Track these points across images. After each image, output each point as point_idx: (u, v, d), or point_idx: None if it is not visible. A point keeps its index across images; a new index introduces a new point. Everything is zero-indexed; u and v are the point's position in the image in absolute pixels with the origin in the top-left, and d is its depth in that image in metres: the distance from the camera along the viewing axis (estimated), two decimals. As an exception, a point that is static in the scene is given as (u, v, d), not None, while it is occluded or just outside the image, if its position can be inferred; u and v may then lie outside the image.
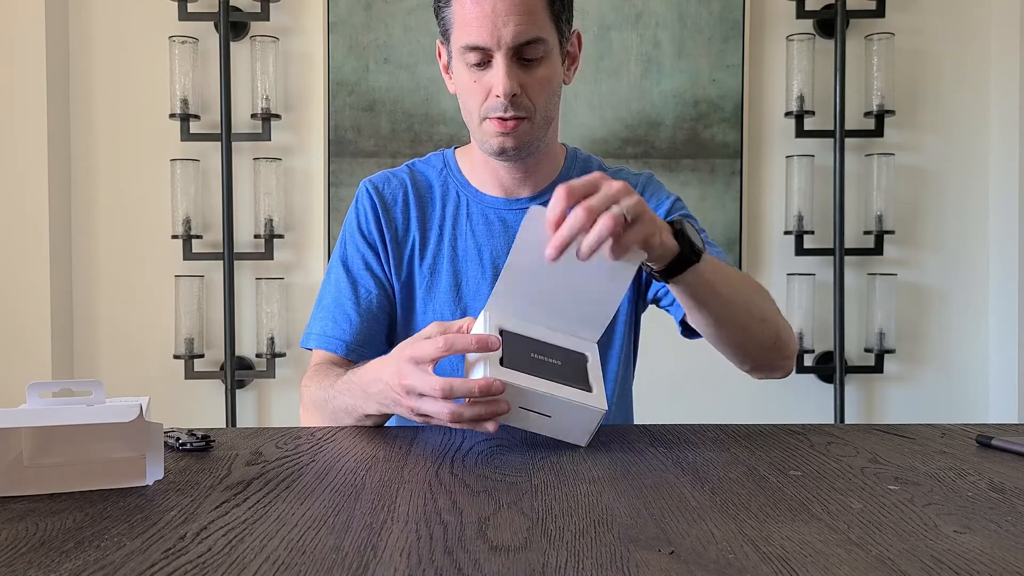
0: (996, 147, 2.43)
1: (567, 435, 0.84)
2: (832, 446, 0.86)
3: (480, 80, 1.04)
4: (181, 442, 0.83)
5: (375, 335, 1.13)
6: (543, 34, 1.03)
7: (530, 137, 1.07)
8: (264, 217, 2.33)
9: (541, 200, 1.16)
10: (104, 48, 2.37)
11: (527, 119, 1.05)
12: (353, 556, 0.52)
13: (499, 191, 1.16)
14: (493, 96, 1.03)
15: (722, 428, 0.95)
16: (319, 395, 1.03)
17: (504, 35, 1.00)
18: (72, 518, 0.61)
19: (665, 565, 0.50)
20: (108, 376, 2.36)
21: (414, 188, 1.17)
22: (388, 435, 0.93)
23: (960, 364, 2.46)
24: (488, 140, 1.07)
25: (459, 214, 1.15)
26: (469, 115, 1.09)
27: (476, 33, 1.01)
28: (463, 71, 1.06)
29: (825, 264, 2.41)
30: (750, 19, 2.37)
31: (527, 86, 1.03)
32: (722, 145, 2.37)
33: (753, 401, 2.43)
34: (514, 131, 1.05)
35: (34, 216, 2.27)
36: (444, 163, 1.20)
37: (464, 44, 1.03)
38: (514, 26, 1.00)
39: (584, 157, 1.22)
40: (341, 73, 2.34)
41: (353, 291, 1.13)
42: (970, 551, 0.53)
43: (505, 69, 1.01)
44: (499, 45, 1.01)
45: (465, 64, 1.05)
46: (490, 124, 1.06)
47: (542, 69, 1.05)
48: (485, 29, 1.00)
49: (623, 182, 0.82)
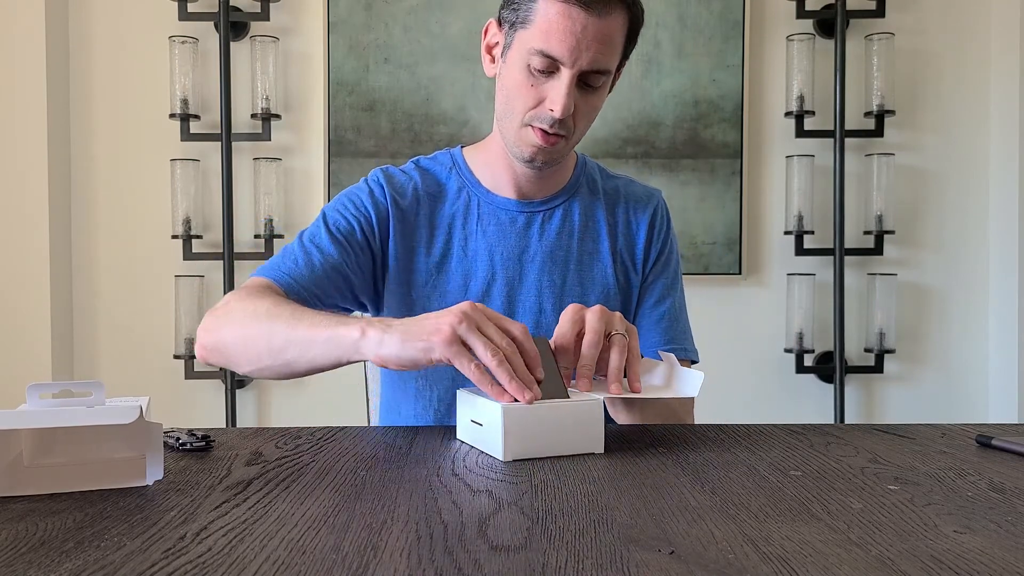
0: (996, 147, 2.43)
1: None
2: (832, 446, 0.86)
3: (538, 86, 1.03)
4: (181, 442, 0.83)
5: (328, 295, 1.08)
6: (612, 67, 1.04)
7: (561, 155, 1.09)
8: (264, 217, 2.33)
9: (551, 205, 1.16)
10: (104, 48, 2.38)
11: (565, 138, 1.06)
12: (353, 556, 0.52)
13: (512, 193, 1.15)
14: (546, 108, 1.02)
15: (722, 428, 0.95)
16: (258, 304, 0.94)
17: (582, 59, 0.99)
18: (72, 518, 0.61)
19: (665, 565, 0.50)
20: (108, 376, 2.36)
21: (424, 185, 1.16)
22: (388, 435, 0.93)
23: (960, 364, 2.46)
24: (522, 147, 1.07)
25: (469, 214, 1.15)
26: (510, 113, 1.06)
27: (557, 45, 0.99)
28: (521, 70, 1.03)
29: (825, 264, 2.41)
30: (750, 19, 2.37)
31: (578, 109, 1.04)
32: (722, 145, 2.37)
33: (753, 401, 2.43)
34: (552, 147, 1.06)
35: (34, 216, 2.27)
36: (453, 162, 1.19)
37: (539, 48, 1.00)
38: (594, 53, 1.00)
39: (593, 164, 1.23)
40: (341, 73, 2.34)
41: (331, 240, 1.09)
42: (970, 551, 0.53)
43: (568, 89, 1.00)
44: (573, 64, 1.00)
45: (527, 65, 1.02)
46: (531, 133, 1.05)
47: (596, 97, 1.05)
48: (567, 45, 0.99)
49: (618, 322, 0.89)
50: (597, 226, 1.17)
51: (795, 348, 2.38)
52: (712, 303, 2.38)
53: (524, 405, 0.79)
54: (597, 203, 1.18)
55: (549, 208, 1.16)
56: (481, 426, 0.82)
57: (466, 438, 0.87)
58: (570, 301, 1.11)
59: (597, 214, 1.18)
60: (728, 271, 2.37)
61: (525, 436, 0.79)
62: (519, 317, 1.12)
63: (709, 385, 0.90)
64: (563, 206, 1.16)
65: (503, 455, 0.78)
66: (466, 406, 0.87)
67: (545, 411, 0.80)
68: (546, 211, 1.16)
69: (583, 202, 1.18)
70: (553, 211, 1.16)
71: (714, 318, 2.37)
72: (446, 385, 1.13)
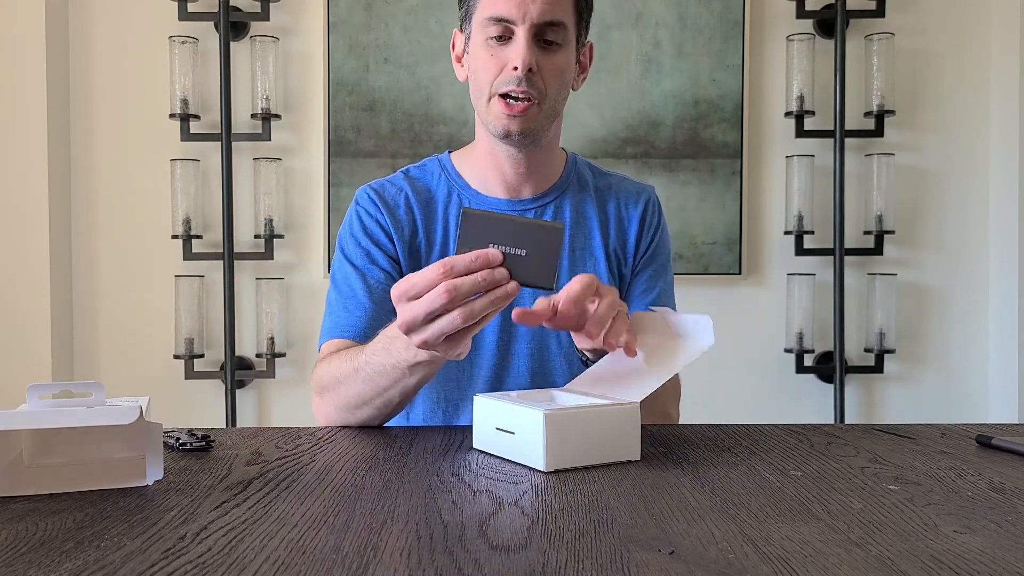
0: (996, 147, 2.43)
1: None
2: (832, 446, 0.86)
3: (497, 54, 1.05)
4: (181, 442, 0.83)
5: (387, 320, 1.11)
6: (566, 19, 1.05)
7: (536, 124, 1.08)
8: (264, 217, 2.33)
9: (542, 202, 1.16)
10: (104, 48, 2.37)
11: (536, 103, 1.06)
12: (353, 556, 0.52)
13: (501, 191, 1.16)
14: (509, 69, 1.04)
15: (722, 428, 0.95)
16: (343, 367, 0.99)
17: (531, 11, 1.02)
18: (72, 518, 0.61)
19: (665, 565, 0.50)
20: (108, 376, 2.36)
21: (414, 193, 1.16)
22: (388, 435, 0.93)
23: (960, 364, 2.46)
24: (496, 121, 1.07)
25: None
26: (480, 92, 1.09)
27: (504, 5, 1.03)
28: (481, 47, 1.07)
29: (825, 264, 2.41)
30: (750, 19, 2.37)
31: (543, 68, 1.05)
32: (722, 145, 2.37)
33: (753, 401, 2.43)
34: (522, 114, 1.06)
35: (34, 216, 2.27)
36: (441, 167, 1.19)
37: (489, 15, 1.04)
38: (541, 3, 1.03)
39: (583, 161, 1.24)
40: (341, 73, 2.34)
41: (362, 281, 1.11)
42: (970, 551, 0.53)
43: (526, 43, 1.03)
44: (524, 19, 1.03)
45: (485, 38, 1.06)
46: (498, 104, 1.06)
47: (559, 56, 1.06)
48: (513, 1, 1.02)
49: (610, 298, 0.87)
50: (588, 222, 1.18)
51: (795, 348, 2.38)
52: (712, 303, 2.38)
53: (565, 409, 0.75)
54: (588, 199, 1.19)
55: (540, 205, 1.16)
56: (513, 435, 0.77)
57: (489, 447, 0.81)
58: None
59: (588, 210, 1.18)
60: (728, 271, 2.37)
61: (566, 444, 0.74)
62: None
63: (709, 385, 0.90)
64: (554, 203, 1.17)
65: (544, 465, 0.74)
66: (489, 413, 0.81)
67: (585, 416, 0.76)
68: (537, 208, 1.16)
69: (574, 199, 1.18)
70: (544, 208, 1.16)
71: (714, 318, 2.35)
72: (451, 386, 1.13)
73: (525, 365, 1.13)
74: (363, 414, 0.99)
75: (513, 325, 1.12)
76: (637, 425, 0.79)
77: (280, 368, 2.37)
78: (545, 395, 0.86)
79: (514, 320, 0.82)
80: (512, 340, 1.13)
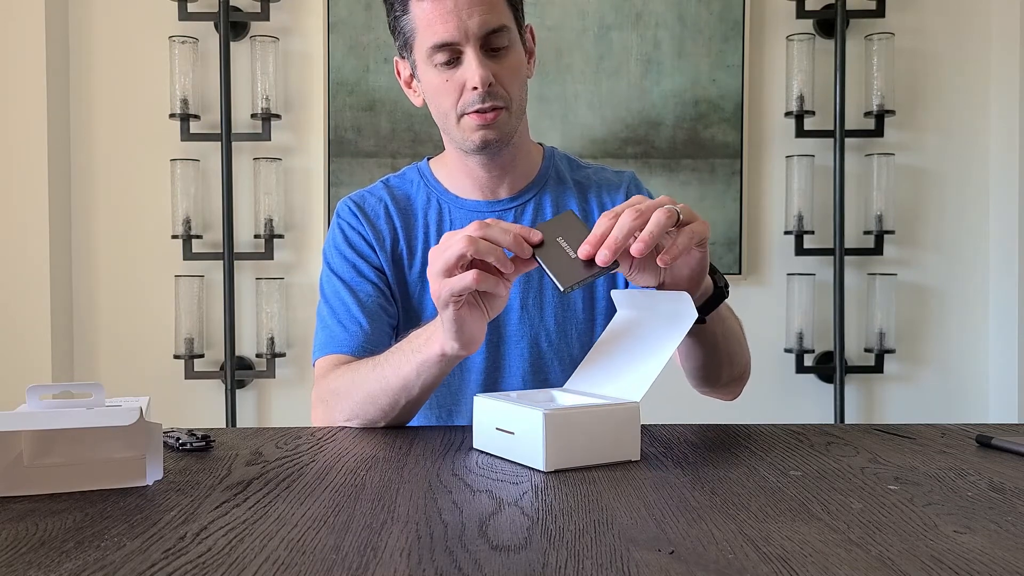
0: (996, 147, 2.43)
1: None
2: (832, 446, 0.86)
3: (452, 78, 1.04)
4: (181, 442, 0.83)
5: (384, 335, 1.12)
6: (506, 20, 1.05)
7: (508, 128, 1.08)
8: (264, 217, 2.33)
9: (521, 201, 1.16)
10: (104, 48, 2.37)
11: (504, 108, 1.06)
12: (353, 556, 0.52)
13: (479, 194, 1.16)
14: (469, 90, 1.04)
15: (722, 428, 0.95)
16: (352, 378, 1.00)
17: (471, 26, 1.01)
18: (72, 518, 0.61)
19: (665, 565, 0.50)
20: (108, 376, 2.36)
21: (394, 202, 1.17)
22: (388, 435, 0.93)
23: (960, 364, 2.46)
24: (469, 136, 1.07)
25: (442, 222, 1.16)
26: (444, 117, 1.08)
27: (443, 30, 1.01)
28: (431, 74, 1.06)
29: (825, 264, 2.41)
30: (750, 19, 2.37)
31: (500, 76, 1.04)
32: (722, 145, 2.37)
33: (753, 401, 2.42)
34: (494, 122, 1.06)
35: (34, 216, 2.27)
36: (420, 175, 1.20)
37: (431, 44, 1.03)
38: (479, 16, 1.01)
39: (561, 156, 1.23)
40: (341, 73, 2.34)
41: (354, 296, 1.12)
42: (970, 551, 0.53)
43: (477, 60, 1.02)
44: (467, 37, 1.02)
45: (433, 66, 1.05)
46: (469, 120, 1.06)
47: (510, 58, 1.06)
48: (451, 24, 1.01)
49: (665, 196, 0.83)
50: None
51: (795, 348, 2.38)
52: (712, 303, 2.38)
53: (564, 409, 0.75)
54: (567, 193, 1.18)
55: (519, 204, 1.16)
56: (512, 435, 0.77)
57: (488, 447, 0.81)
58: (550, 294, 1.13)
59: (569, 204, 1.18)
60: (728, 271, 2.37)
61: (566, 443, 0.74)
62: (501, 313, 1.12)
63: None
64: (533, 200, 1.17)
65: (544, 465, 0.74)
66: (489, 413, 0.81)
67: (585, 416, 0.76)
68: (516, 207, 1.16)
69: (553, 194, 1.18)
70: (524, 207, 1.16)
71: (714, 318, 2.37)
72: (443, 391, 1.13)
73: (518, 367, 1.13)
74: (370, 413, 0.99)
75: (502, 327, 1.12)
76: (637, 425, 0.79)
77: (280, 368, 2.37)
78: (545, 395, 0.86)
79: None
80: (501, 342, 1.13)
